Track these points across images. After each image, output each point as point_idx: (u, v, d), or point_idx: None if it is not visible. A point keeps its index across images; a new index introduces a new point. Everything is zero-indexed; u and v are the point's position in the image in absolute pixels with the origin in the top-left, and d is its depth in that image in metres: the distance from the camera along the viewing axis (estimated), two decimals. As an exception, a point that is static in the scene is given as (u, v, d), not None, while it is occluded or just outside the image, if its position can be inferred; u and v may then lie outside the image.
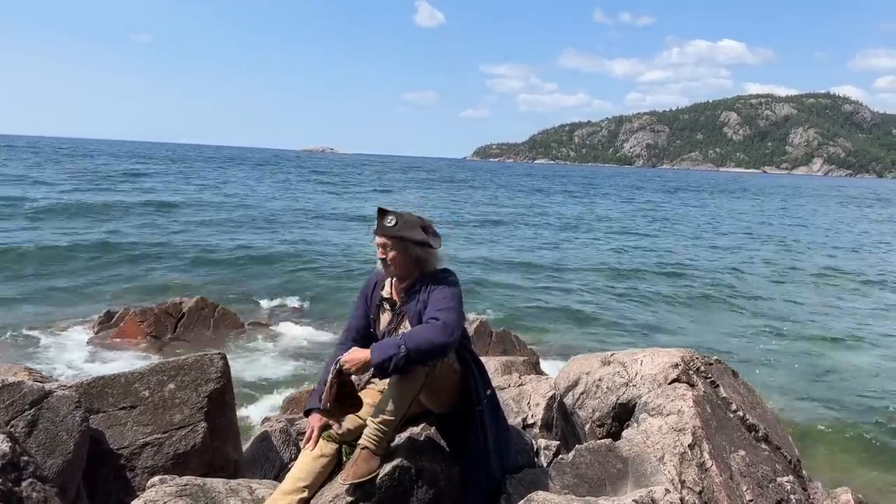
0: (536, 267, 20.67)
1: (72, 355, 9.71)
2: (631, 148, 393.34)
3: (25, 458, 2.40)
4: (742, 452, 3.90)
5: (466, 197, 52.36)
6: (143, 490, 3.21)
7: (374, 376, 2.94)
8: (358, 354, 2.92)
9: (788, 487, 3.89)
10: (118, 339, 10.32)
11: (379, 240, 3.23)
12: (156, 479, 3.19)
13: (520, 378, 4.55)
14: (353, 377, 3.00)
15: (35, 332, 10.77)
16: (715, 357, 4.88)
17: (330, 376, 2.95)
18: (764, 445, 4.24)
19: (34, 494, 2.30)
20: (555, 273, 19.81)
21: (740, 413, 4.32)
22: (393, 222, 3.18)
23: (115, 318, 11.06)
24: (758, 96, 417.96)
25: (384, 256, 3.22)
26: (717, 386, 4.45)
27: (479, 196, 53.76)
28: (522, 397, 4.22)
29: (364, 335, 3.41)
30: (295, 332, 11.62)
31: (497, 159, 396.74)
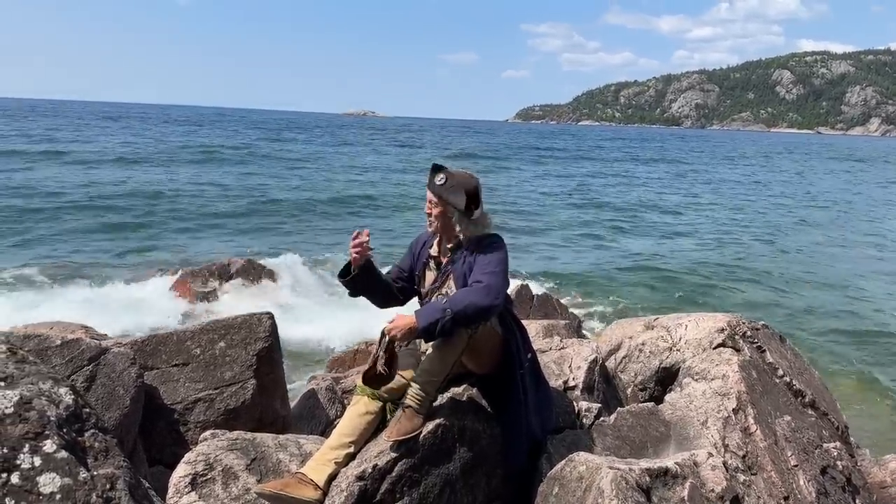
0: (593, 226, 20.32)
1: (125, 315, 10.02)
2: (679, 108, 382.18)
3: (87, 409, 2.52)
4: (788, 418, 3.85)
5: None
6: (196, 444, 3.33)
7: (417, 338, 2.97)
8: (403, 321, 2.93)
9: (835, 454, 3.84)
10: (169, 299, 10.61)
11: (428, 194, 3.23)
12: (208, 433, 3.30)
13: (561, 341, 4.55)
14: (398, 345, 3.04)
15: (87, 292, 11.14)
16: (762, 322, 4.80)
17: (377, 349, 3.01)
18: (810, 411, 4.18)
19: (96, 444, 2.42)
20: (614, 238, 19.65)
21: (787, 378, 4.27)
22: (443, 181, 3.16)
23: (165, 278, 11.42)
24: (813, 53, 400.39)
25: (430, 212, 3.24)
26: (764, 351, 4.39)
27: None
28: (564, 360, 4.22)
29: (401, 286, 3.48)
30: (341, 293, 11.76)
31: (540, 121, 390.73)
